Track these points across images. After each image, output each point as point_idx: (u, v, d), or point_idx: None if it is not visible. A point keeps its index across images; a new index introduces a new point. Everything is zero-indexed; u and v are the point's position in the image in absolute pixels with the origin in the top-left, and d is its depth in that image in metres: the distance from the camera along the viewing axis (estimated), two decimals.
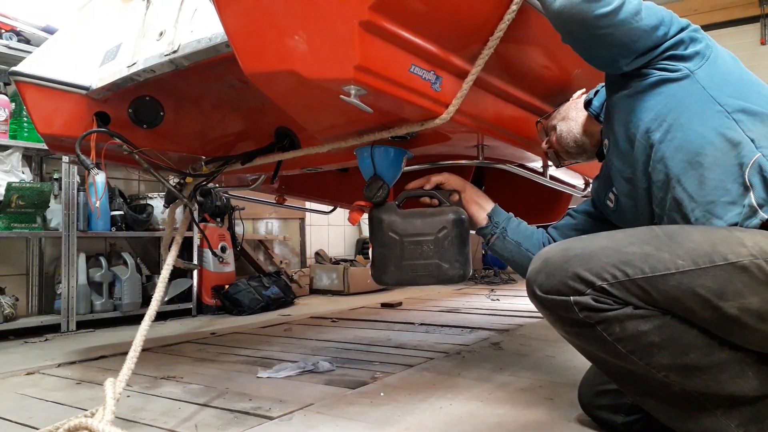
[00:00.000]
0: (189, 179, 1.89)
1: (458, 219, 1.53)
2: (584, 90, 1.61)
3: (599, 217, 1.57)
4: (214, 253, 3.63)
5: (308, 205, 3.31)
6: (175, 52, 1.50)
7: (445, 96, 1.33)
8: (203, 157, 2.00)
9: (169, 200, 1.93)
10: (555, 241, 1.58)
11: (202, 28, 1.47)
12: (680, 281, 1.01)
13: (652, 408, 1.14)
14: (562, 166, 1.73)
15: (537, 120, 1.71)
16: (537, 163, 2.14)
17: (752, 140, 1.12)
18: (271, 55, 1.19)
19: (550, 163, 2.04)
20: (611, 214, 1.49)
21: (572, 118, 1.56)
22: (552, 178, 2.19)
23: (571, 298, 1.05)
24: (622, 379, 1.15)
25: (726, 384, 1.04)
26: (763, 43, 5.30)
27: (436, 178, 1.61)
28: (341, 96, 1.18)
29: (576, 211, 1.65)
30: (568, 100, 1.63)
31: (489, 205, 1.62)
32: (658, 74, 1.22)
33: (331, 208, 2.83)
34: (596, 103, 1.51)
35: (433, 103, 1.33)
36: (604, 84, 1.52)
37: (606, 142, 1.40)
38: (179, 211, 2.15)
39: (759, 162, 1.09)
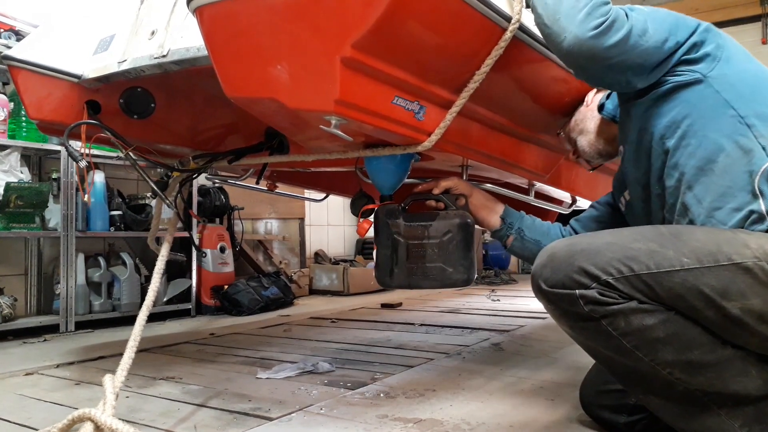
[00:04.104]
0: (176, 173, 1.89)
1: (464, 223, 1.53)
2: (595, 90, 1.61)
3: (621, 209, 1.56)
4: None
5: (301, 194, 3.32)
6: (164, 56, 1.49)
7: (428, 125, 1.34)
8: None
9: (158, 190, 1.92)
10: (575, 231, 1.60)
11: (192, 34, 1.45)
12: (685, 278, 1.02)
13: (656, 407, 1.13)
14: (594, 169, 1.75)
15: (557, 132, 1.72)
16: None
17: (763, 147, 1.12)
18: (253, 82, 1.20)
19: (535, 182, 2.06)
20: (624, 213, 1.50)
21: (590, 129, 1.56)
22: (537, 195, 2.21)
23: (577, 291, 1.06)
24: (626, 377, 1.15)
25: (729, 382, 1.05)
26: (764, 43, 5.29)
27: (445, 183, 1.61)
28: (321, 125, 1.19)
29: (599, 203, 1.65)
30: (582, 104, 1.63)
31: (500, 207, 1.62)
32: (671, 81, 1.21)
33: (324, 195, 2.83)
34: (610, 106, 1.51)
35: (416, 132, 1.33)
36: None
37: (621, 149, 1.39)
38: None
39: None
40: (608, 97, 1.53)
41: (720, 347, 1.05)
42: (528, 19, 1.34)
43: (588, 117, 1.58)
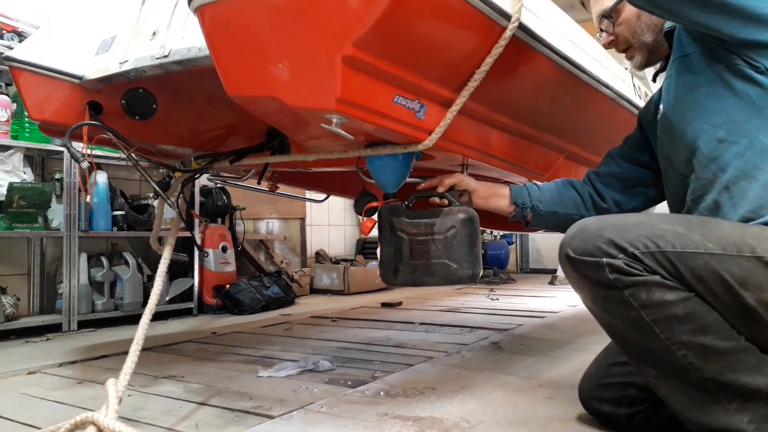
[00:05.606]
0: (177, 174, 1.90)
1: (467, 218, 1.53)
2: None
3: (648, 165, 1.52)
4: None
5: (302, 195, 3.33)
6: (165, 56, 1.50)
7: (429, 124, 1.35)
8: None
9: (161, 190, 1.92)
10: (596, 189, 1.59)
11: (194, 34, 1.46)
12: (707, 261, 1.05)
13: (666, 393, 1.13)
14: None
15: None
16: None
17: None
18: (254, 81, 1.20)
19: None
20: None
21: (648, 42, 1.42)
22: None
23: (604, 259, 1.09)
24: (640, 357, 1.15)
25: (741, 375, 1.06)
26: None
27: (449, 180, 1.61)
28: (322, 124, 1.20)
29: (620, 155, 1.58)
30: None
31: (507, 191, 1.63)
32: (744, 67, 1.15)
33: (325, 196, 2.84)
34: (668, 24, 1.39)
35: (416, 131, 1.34)
36: None
37: (661, 108, 1.35)
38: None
39: None
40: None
41: (735, 337, 1.07)
42: (528, 18, 1.34)
43: (646, 30, 1.42)
